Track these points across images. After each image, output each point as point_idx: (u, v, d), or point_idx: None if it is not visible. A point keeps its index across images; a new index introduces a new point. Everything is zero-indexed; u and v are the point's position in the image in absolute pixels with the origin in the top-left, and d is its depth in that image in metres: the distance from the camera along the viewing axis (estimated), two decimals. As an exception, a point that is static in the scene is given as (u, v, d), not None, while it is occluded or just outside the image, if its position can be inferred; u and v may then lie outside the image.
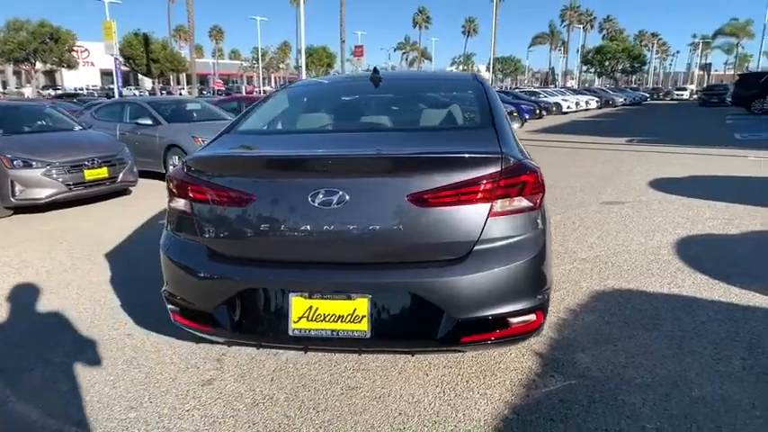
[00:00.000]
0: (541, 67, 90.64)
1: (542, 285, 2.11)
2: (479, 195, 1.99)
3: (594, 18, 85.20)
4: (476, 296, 1.97)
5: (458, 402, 2.36)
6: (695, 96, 50.57)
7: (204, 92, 53.07)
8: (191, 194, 2.21)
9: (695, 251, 4.37)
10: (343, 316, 2.01)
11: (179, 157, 8.64)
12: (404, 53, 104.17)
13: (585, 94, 35.87)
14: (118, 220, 6.07)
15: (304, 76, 27.17)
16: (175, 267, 2.24)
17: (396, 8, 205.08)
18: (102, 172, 6.88)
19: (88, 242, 5.15)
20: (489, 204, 2.01)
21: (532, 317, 2.08)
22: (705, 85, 43.05)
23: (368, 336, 2.00)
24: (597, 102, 34.57)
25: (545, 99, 28.66)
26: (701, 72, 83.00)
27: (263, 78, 77.65)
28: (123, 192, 7.59)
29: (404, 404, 2.36)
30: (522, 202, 2.06)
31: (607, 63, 53.83)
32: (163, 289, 2.39)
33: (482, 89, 2.82)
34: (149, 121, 9.02)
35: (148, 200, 7.20)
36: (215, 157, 2.31)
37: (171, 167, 8.73)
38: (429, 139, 2.44)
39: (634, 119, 24.50)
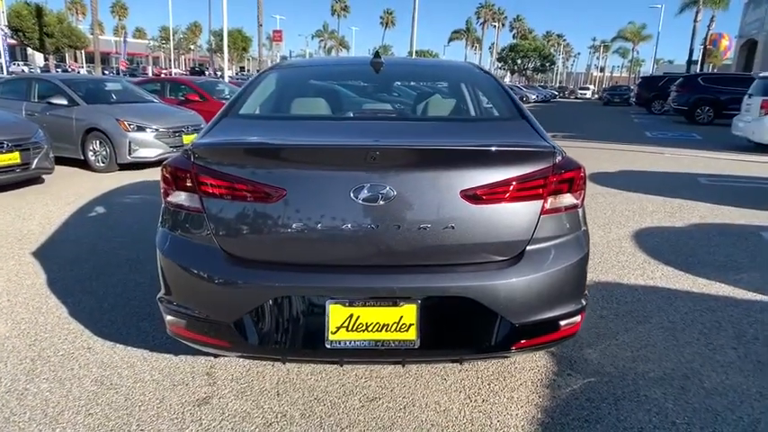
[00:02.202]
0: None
1: (585, 286, 2.05)
2: (533, 192, 1.88)
3: (506, 17, 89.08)
4: (532, 299, 1.86)
5: (487, 408, 2.25)
6: (596, 96, 54.72)
7: (106, 72, 48.66)
8: (201, 188, 1.88)
9: (653, 243, 4.61)
10: (388, 324, 1.81)
11: (100, 142, 7.79)
12: (322, 41, 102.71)
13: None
14: (39, 212, 5.32)
15: (226, 59, 25.72)
16: (183, 273, 1.91)
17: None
18: (14, 157, 5.99)
19: (9, 239, 4.44)
20: (542, 201, 1.90)
21: (578, 318, 2.00)
22: (609, 86, 46.61)
23: (416, 345, 1.82)
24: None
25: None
26: (600, 73, 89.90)
27: (172, 60, 72.86)
28: (35, 180, 6.69)
29: (432, 414, 2.21)
30: (570, 200, 1.98)
31: (520, 61, 56.58)
32: (159, 296, 2.04)
33: (492, 78, 2.71)
34: (64, 101, 8.00)
35: (67, 190, 6.41)
36: (236, 145, 1.99)
37: (90, 154, 7.85)
38: (469, 130, 2.28)
39: (550, 115, 25.90)
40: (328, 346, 1.82)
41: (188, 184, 1.91)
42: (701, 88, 17.31)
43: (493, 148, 1.88)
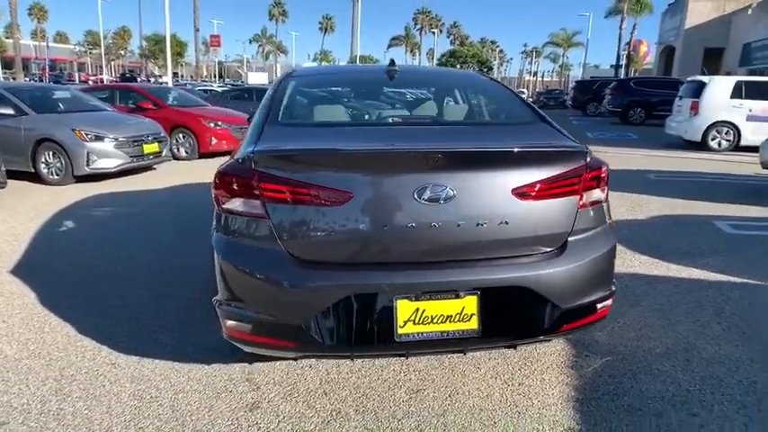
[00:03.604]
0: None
1: (614, 273, 2.27)
2: (572, 188, 2.07)
3: (443, 24, 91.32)
4: (576, 285, 2.05)
5: (525, 390, 2.42)
6: (530, 99, 57.34)
7: (27, 79, 45.53)
8: (264, 194, 1.93)
9: (624, 235, 4.99)
10: (451, 316, 1.94)
11: (54, 153, 7.38)
12: (260, 45, 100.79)
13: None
14: (0, 229, 5.01)
15: (169, 65, 24.82)
16: (250, 278, 1.94)
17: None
18: (-33, 172, 5.60)
19: (-20, 258, 4.18)
20: (578, 196, 2.09)
21: (609, 302, 2.22)
22: (545, 90, 48.96)
23: (478, 334, 1.96)
24: (456, 102, 37.09)
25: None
26: (533, 78, 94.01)
27: (99, 66, 69.20)
28: (-19, 196, 6.27)
29: (477, 400, 2.35)
30: (599, 194, 2.19)
31: (459, 66, 58.34)
32: (218, 301, 2.06)
33: (502, 86, 2.90)
34: (9, 111, 7.52)
35: (24, 204, 6.09)
36: (301, 151, 2.05)
37: (42, 166, 7.42)
38: (507, 133, 2.44)
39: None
40: (398, 340, 1.92)
41: (249, 191, 1.95)
42: (632, 91, 18.62)
43: (537, 149, 2.07)
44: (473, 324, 1.95)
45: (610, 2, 36.96)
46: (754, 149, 10.75)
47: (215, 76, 71.72)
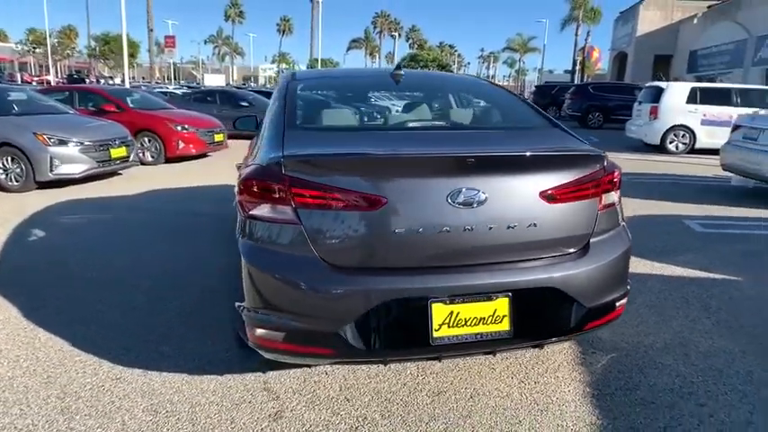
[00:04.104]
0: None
1: (629, 272, 2.36)
2: (593, 190, 2.14)
3: (402, 27, 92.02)
4: (600, 284, 2.12)
5: (542, 389, 2.48)
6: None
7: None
8: (296, 199, 1.90)
9: (604, 234, 5.18)
10: (484, 318, 1.97)
11: (12, 158, 6.99)
12: (216, 47, 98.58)
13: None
14: (-32, 239, 4.71)
15: (126, 66, 23.83)
16: (283, 286, 1.91)
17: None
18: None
19: (-50, 271, 3.91)
20: (598, 199, 2.17)
21: (625, 300, 2.31)
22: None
23: (510, 335, 1.99)
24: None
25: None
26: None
27: (42, 66, 65.89)
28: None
29: (499, 399, 2.39)
30: (614, 197, 2.27)
31: (420, 70, 58.89)
32: (244, 309, 2.01)
33: (506, 90, 2.97)
34: (-38, 114, 7.08)
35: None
36: (335, 156, 2.03)
37: (0, 172, 7.00)
38: (527, 137, 2.48)
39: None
40: (432, 343, 1.93)
41: (280, 197, 1.92)
42: (591, 96, 19.35)
43: (562, 153, 2.13)
44: (505, 325, 1.99)
45: (564, 10, 38.28)
46: (707, 152, 11.43)
47: (168, 78, 69.68)
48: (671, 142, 11.85)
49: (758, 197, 7.15)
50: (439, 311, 1.93)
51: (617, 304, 2.24)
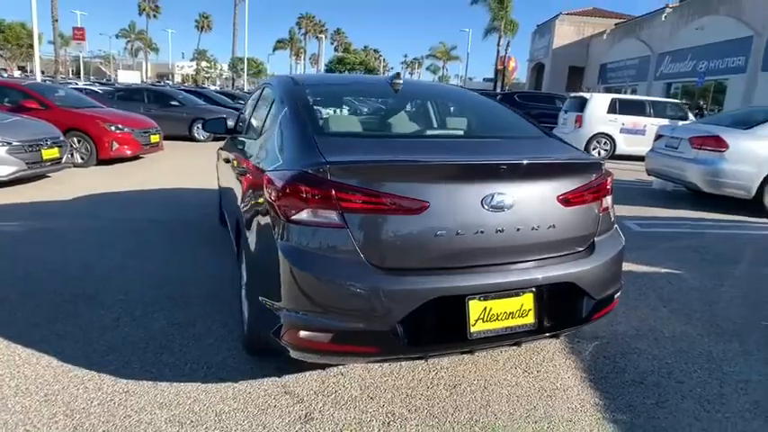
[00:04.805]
0: (286, 71, 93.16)
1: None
2: (596, 194, 2.39)
3: (327, 29, 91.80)
4: (605, 278, 2.37)
5: (545, 376, 2.70)
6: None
7: None
8: (342, 204, 1.96)
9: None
10: (513, 312, 2.14)
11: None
12: (129, 41, 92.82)
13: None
14: None
15: (37, 59, 21.73)
16: (334, 288, 1.96)
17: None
18: None
19: None
20: (600, 201, 2.42)
21: (620, 293, 2.58)
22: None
23: (534, 327, 2.18)
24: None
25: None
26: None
27: None
28: None
29: (509, 389, 2.57)
30: (610, 200, 2.54)
31: (347, 72, 59.18)
32: (288, 312, 2.03)
33: (499, 103, 3.19)
34: None
35: None
36: (382, 163, 2.10)
37: None
38: (537, 146, 2.67)
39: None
40: (470, 338, 2.07)
41: (326, 202, 1.97)
42: (517, 104, 20.39)
43: (574, 161, 2.36)
44: (530, 319, 2.17)
45: (487, 20, 40.16)
46: (625, 158, 12.55)
47: (75, 74, 64.58)
48: (594, 149, 12.88)
49: (677, 199, 8.01)
50: (475, 308, 2.07)
51: (615, 296, 2.50)
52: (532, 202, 2.19)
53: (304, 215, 2.01)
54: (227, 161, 3.96)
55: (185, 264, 4.18)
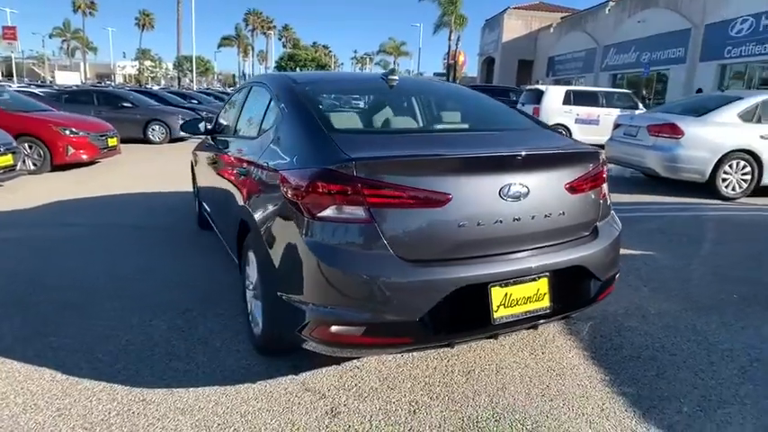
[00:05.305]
0: (233, 69, 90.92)
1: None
2: (597, 182, 2.53)
3: (275, 26, 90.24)
4: (608, 261, 2.51)
5: (551, 356, 2.83)
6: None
7: None
8: (368, 199, 2.00)
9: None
10: (530, 297, 2.24)
11: None
12: (64, 41, 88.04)
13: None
14: None
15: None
16: (365, 282, 1.99)
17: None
18: None
19: None
20: (600, 188, 2.56)
21: (619, 274, 2.73)
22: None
23: (549, 310, 2.29)
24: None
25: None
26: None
27: None
28: None
29: (521, 370, 2.69)
30: (606, 188, 2.69)
31: (298, 70, 58.48)
32: (317, 308, 2.06)
33: (491, 98, 3.31)
34: None
35: None
36: (406, 158, 2.13)
37: None
38: (540, 137, 2.77)
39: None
40: (493, 323, 2.16)
41: (352, 198, 2.00)
42: (474, 97, 20.88)
43: (578, 151, 2.48)
44: (546, 302, 2.28)
45: (437, 15, 40.64)
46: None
47: (4, 75, 60.79)
48: (552, 139, 13.35)
49: (636, 184, 8.44)
50: (497, 294, 2.16)
51: (615, 278, 2.66)
52: (544, 191, 2.30)
53: (331, 212, 2.03)
54: (214, 162, 3.89)
55: (173, 267, 4.09)
